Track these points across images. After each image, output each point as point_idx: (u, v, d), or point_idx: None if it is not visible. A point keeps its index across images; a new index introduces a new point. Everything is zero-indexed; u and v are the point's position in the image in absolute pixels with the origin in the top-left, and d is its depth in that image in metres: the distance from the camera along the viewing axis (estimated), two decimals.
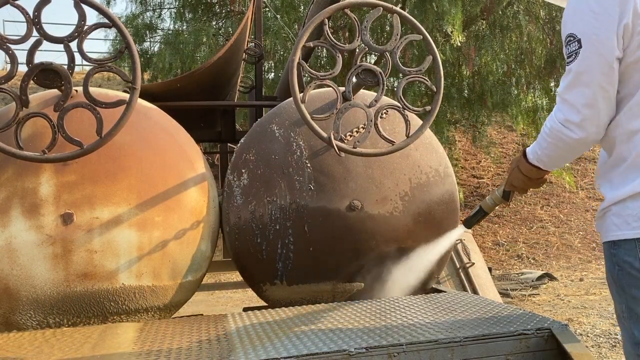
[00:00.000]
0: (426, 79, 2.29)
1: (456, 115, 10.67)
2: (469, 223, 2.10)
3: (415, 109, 2.32)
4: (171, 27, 11.37)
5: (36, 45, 1.98)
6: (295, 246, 2.31)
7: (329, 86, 2.26)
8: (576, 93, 1.44)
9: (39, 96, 2.22)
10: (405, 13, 2.32)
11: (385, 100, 2.45)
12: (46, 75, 2.00)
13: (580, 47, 1.42)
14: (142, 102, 2.35)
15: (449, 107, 9.88)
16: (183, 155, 2.31)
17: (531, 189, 1.88)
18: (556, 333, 1.54)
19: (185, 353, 1.55)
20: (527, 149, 1.72)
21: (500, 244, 9.60)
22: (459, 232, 2.29)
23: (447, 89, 8.99)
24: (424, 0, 8.47)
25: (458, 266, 3.41)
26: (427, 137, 2.54)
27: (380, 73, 2.26)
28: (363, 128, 2.33)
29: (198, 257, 2.28)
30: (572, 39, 1.44)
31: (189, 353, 1.55)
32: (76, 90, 2.15)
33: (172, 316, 2.32)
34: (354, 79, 2.27)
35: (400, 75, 2.33)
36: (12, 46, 1.94)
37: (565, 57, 1.47)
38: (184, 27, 11.02)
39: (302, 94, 2.20)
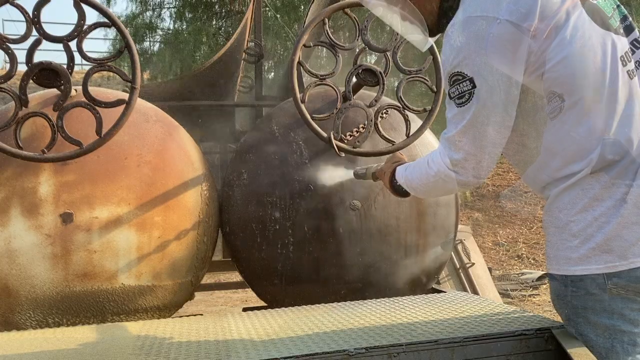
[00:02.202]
0: (426, 79, 2.29)
1: None
2: (356, 175, 2.01)
3: (416, 108, 2.33)
4: (171, 26, 11.38)
5: (36, 45, 1.98)
6: (295, 246, 2.31)
7: (329, 86, 2.26)
8: (468, 137, 1.33)
9: (38, 95, 2.21)
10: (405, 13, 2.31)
11: (386, 100, 2.45)
12: (45, 74, 2.00)
13: (474, 87, 1.27)
14: (141, 102, 2.34)
15: None
16: (183, 155, 2.31)
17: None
18: (556, 333, 1.53)
19: (185, 353, 1.55)
20: (398, 169, 1.62)
21: (500, 244, 9.60)
22: (348, 174, 2.11)
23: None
24: None
25: (458, 266, 3.41)
26: (428, 137, 2.54)
27: (380, 73, 2.26)
28: (363, 128, 2.33)
29: (198, 257, 2.28)
30: (460, 77, 1.29)
31: (188, 353, 1.55)
32: (75, 90, 2.15)
33: (172, 316, 2.32)
34: (354, 79, 2.26)
35: (401, 75, 2.33)
36: (12, 45, 1.94)
37: (453, 97, 1.32)
38: (184, 26, 11.03)
39: (302, 94, 2.20)
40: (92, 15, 14.53)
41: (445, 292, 2.40)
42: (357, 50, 2.32)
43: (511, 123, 1.33)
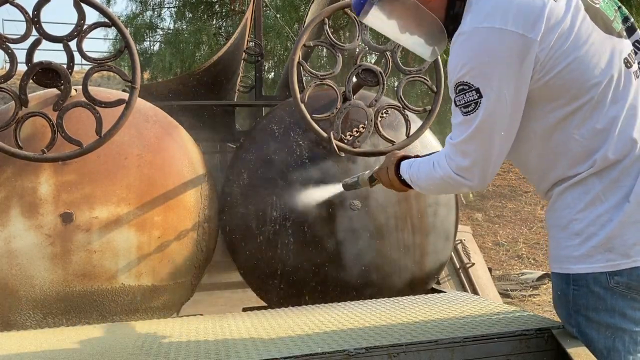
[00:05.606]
0: (427, 78, 2.29)
1: None
2: (346, 186, 1.98)
3: (416, 108, 2.33)
4: (171, 26, 11.39)
5: (35, 45, 1.98)
6: (295, 246, 2.31)
7: (329, 86, 2.26)
8: (474, 144, 1.34)
9: (38, 95, 2.21)
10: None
11: (386, 100, 2.45)
12: (45, 74, 2.00)
13: (480, 97, 1.29)
14: (141, 102, 2.34)
15: (450, 107, 9.85)
16: (183, 155, 2.31)
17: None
18: (556, 333, 1.53)
19: (185, 353, 1.55)
20: (404, 163, 1.62)
21: (500, 244, 9.59)
22: (338, 188, 2.12)
23: (447, 89, 8.96)
24: None
25: (458, 266, 3.41)
26: (428, 136, 2.54)
27: (380, 73, 2.26)
28: (363, 128, 2.33)
29: (197, 257, 2.27)
30: (466, 87, 1.31)
31: (188, 353, 1.54)
32: (75, 90, 2.15)
33: (172, 316, 2.32)
34: (354, 79, 2.27)
35: (401, 75, 2.33)
36: (12, 45, 1.94)
37: (459, 105, 1.34)
38: (184, 26, 11.03)
39: (302, 94, 2.20)
40: (92, 15, 14.53)
41: (445, 292, 2.40)
42: (357, 50, 2.32)
43: (516, 130, 1.35)
